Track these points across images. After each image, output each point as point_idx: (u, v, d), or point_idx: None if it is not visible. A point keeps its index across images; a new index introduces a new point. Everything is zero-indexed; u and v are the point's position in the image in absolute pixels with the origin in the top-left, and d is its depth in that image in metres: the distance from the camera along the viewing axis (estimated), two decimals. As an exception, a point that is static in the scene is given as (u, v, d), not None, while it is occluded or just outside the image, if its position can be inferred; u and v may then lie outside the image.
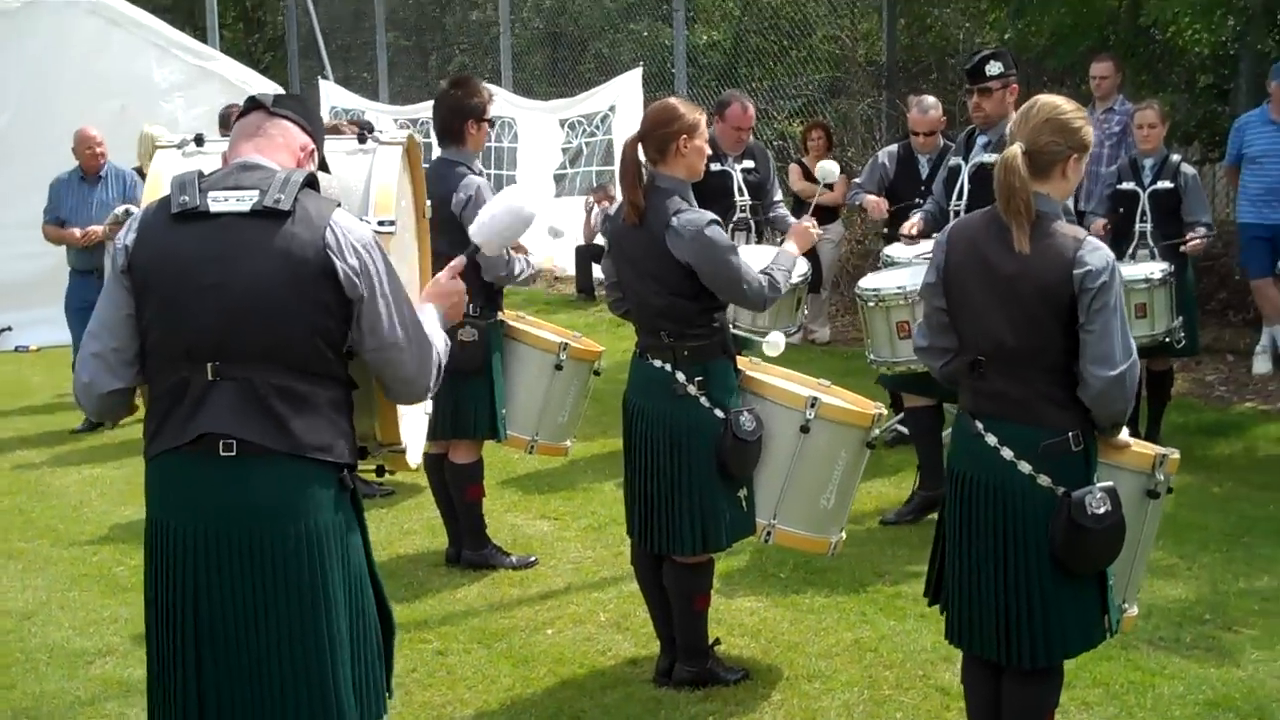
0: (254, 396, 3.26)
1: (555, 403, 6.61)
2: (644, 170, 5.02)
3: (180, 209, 3.31)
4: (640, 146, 5.00)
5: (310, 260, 3.26)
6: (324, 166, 3.64)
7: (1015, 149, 3.87)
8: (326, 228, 3.29)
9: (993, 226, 3.96)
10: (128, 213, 9.36)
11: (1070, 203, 4.14)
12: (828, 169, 5.79)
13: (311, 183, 3.38)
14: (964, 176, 6.81)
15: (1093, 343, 3.80)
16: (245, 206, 3.29)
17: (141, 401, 3.54)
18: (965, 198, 6.74)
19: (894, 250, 7.44)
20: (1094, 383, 3.82)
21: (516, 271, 6.29)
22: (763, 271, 5.05)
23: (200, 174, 3.38)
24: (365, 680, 3.45)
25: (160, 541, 3.36)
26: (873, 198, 8.39)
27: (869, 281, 6.89)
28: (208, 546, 3.28)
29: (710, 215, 4.92)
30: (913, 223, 7.10)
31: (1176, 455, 4.31)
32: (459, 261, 3.78)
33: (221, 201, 3.30)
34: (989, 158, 6.68)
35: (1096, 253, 3.81)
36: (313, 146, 3.56)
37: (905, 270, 6.86)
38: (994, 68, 6.73)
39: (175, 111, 13.44)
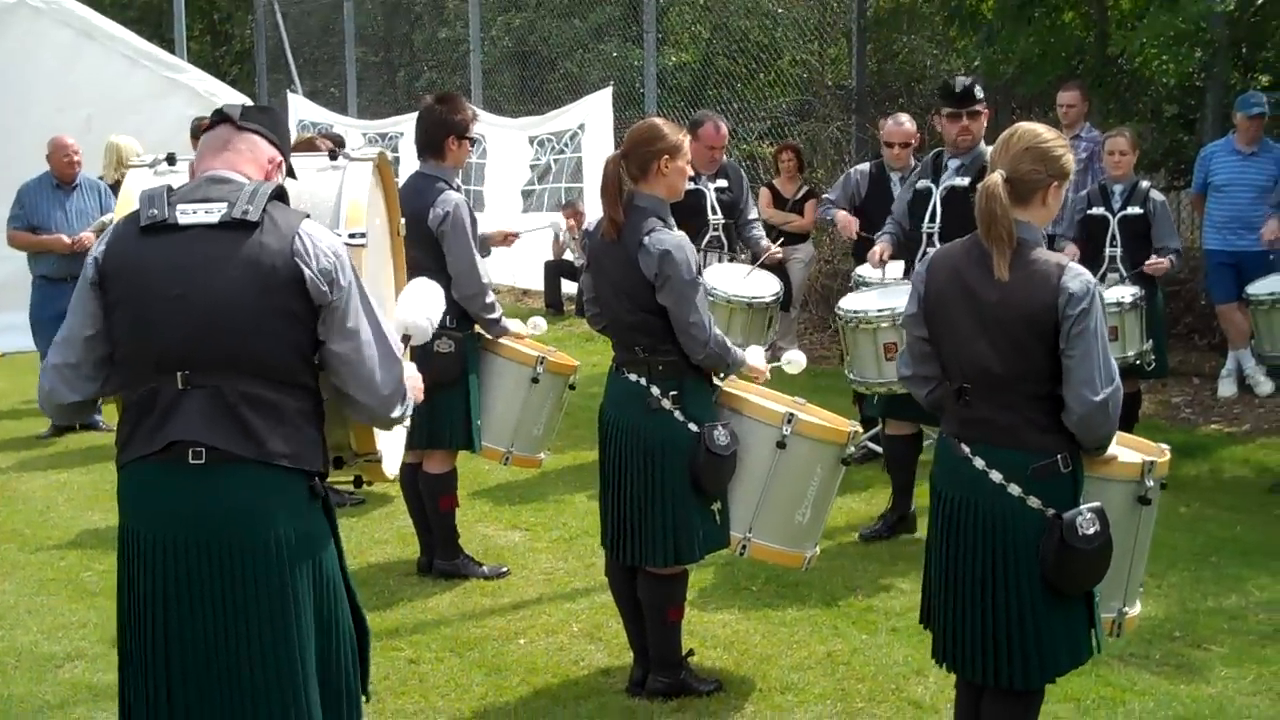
0: (223, 405, 3.28)
1: (531, 415, 6.61)
2: (624, 188, 5.04)
3: (149, 222, 3.33)
4: (622, 164, 5.03)
5: (279, 269, 3.28)
6: (291, 173, 3.65)
7: (996, 176, 3.89)
8: (295, 236, 3.31)
9: (974, 254, 3.97)
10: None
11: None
12: (795, 360, 5.69)
13: (280, 195, 3.41)
14: (936, 200, 6.84)
15: (1074, 368, 3.82)
16: (214, 218, 3.31)
17: (116, 405, 3.55)
18: (939, 221, 6.77)
19: (865, 271, 7.48)
20: (1077, 408, 3.84)
21: (495, 318, 6.33)
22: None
23: (169, 188, 3.41)
24: (339, 688, 3.46)
25: (131, 549, 3.37)
26: (844, 214, 8.40)
27: (851, 303, 6.87)
28: (177, 554, 3.29)
29: (683, 237, 4.95)
30: (879, 250, 7.10)
31: (1166, 455, 4.34)
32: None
33: (190, 214, 3.33)
34: (960, 180, 6.74)
35: (1078, 279, 3.83)
36: (280, 159, 3.58)
37: (890, 291, 6.88)
38: (979, 91, 6.82)
39: (142, 123, 13.37)
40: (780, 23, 15.61)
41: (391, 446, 3.85)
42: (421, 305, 4.02)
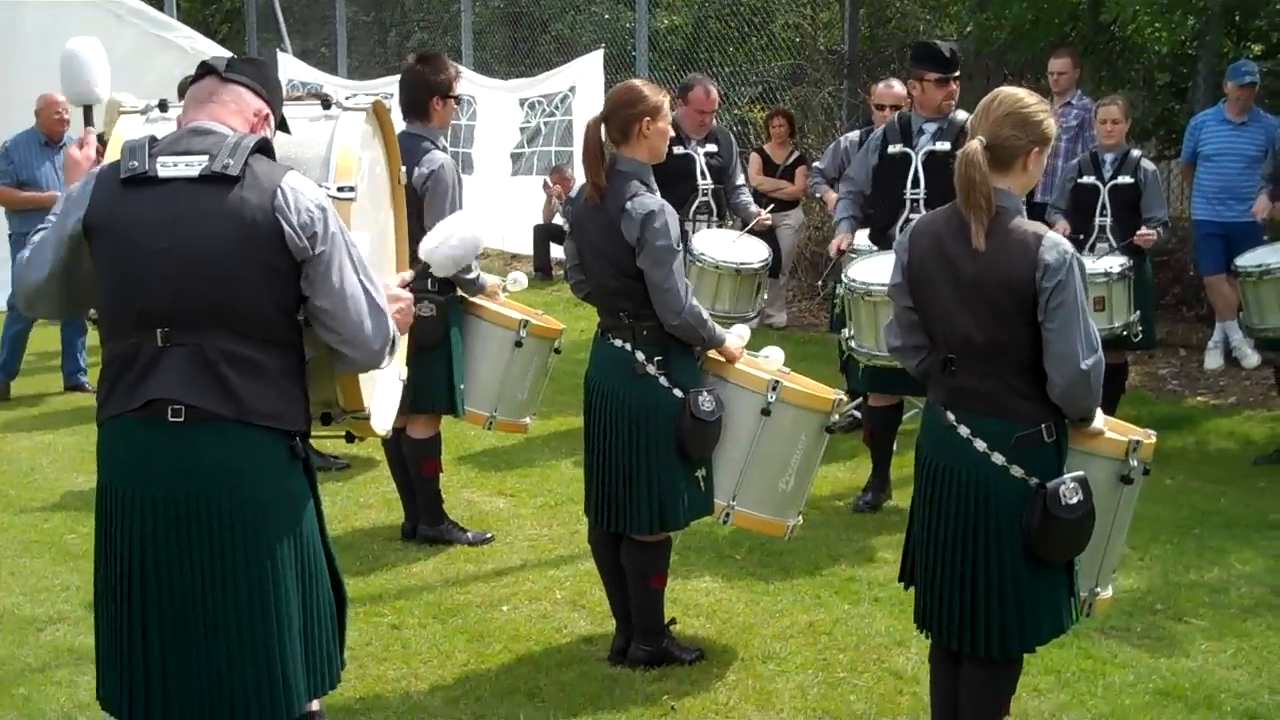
0: (203, 362, 3.25)
1: (515, 380, 6.59)
2: (606, 151, 5.01)
3: (130, 174, 3.30)
4: (603, 127, 5.00)
5: (260, 224, 3.25)
6: (283, 127, 3.61)
7: (976, 143, 3.86)
8: (276, 190, 3.27)
9: (954, 223, 3.95)
10: None
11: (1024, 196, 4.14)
12: (774, 357, 5.48)
13: (263, 147, 3.36)
14: (917, 165, 6.84)
15: (1054, 339, 3.82)
16: (194, 171, 3.28)
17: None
18: (923, 186, 6.78)
19: (859, 240, 7.42)
20: (1059, 379, 3.84)
21: (474, 277, 6.30)
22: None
23: (152, 139, 3.37)
24: (316, 650, 3.45)
25: (110, 506, 3.36)
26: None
27: (861, 274, 6.77)
28: (155, 512, 3.27)
29: (663, 203, 4.93)
30: (838, 242, 7.08)
31: (1152, 440, 4.33)
32: (410, 274, 3.81)
33: (170, 167, 3.29)
34: (940, 145, 6.78)
35: (1055, 249, 3.81)
36: (267, 111, 3.52)
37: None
38: (958, 56, 6.82)
39: (130, 81, 13.23)
40: (773, -14, 15.53)
41: (382, 403, 3.82)
42: (444, 233, 3.96)
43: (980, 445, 3.90)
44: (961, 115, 6.94)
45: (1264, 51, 11.20)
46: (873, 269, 6.72)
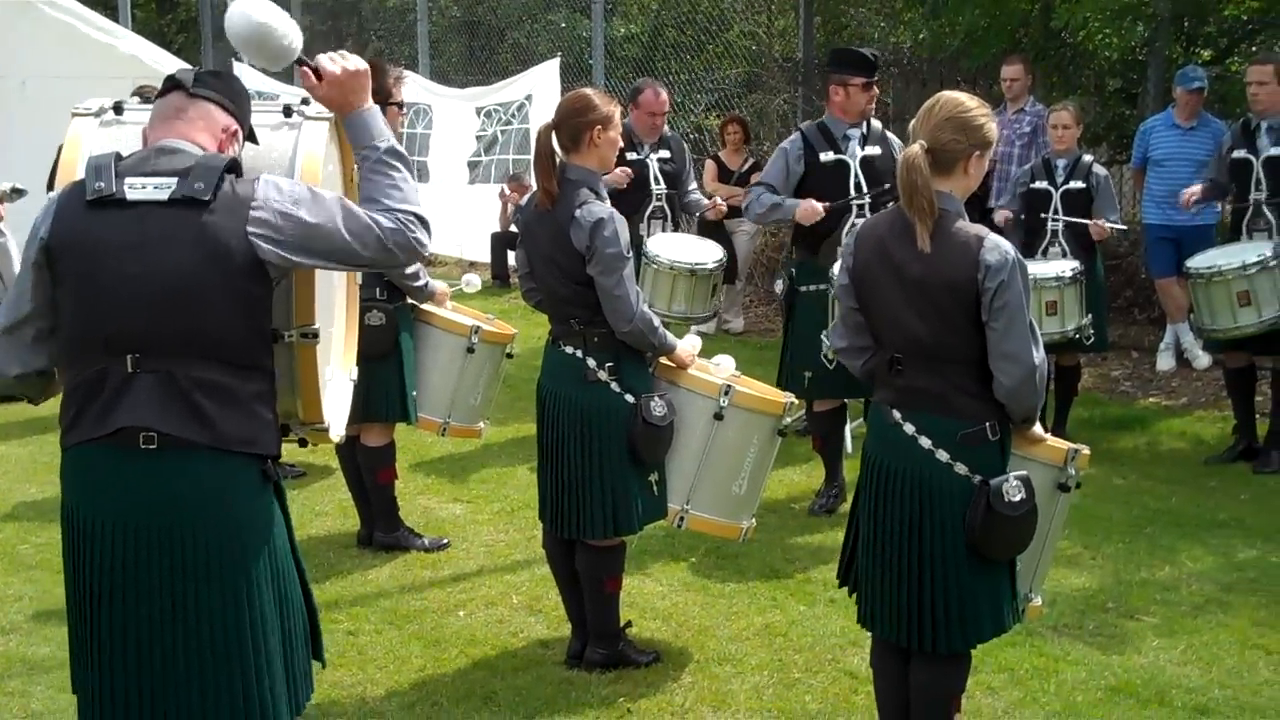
0: (175, 389, 3.20)
1: (468, 386, 6.60)
2: (557, 159, 5.03)
3: (96, 195, 3.22)
4: (554, 135, 5.02)
5: (233, 250, 3.19)
6: (252, 138, 3.57)
7: (917, 147, 3.89)
8: (249, 212, 3.21)
9: (898, 225, 3.99)
10: (14, 190, 9.18)
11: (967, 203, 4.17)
12: (724, 365, 5.43)
13: (233, 168, 3.30)
14: (855, 171, 6.89)
15: (996, 340, 3.85)
16: (163, 195, 3.20)
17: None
18: (865, 191, 6.84)
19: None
20: (1004, 380, 3.87)
21: (422, 284, 6.30)
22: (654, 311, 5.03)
23: (118, 156, 3.29)
24: (294, 667, 3.43)
25: (79, 534, 3.29)
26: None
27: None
28: (126, 539, 3.22)
29: (612, 211, 4.94)
30: (815, 207, 6.90)
31: (1087, 451, 4.38)
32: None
33: (139, 189, 3.21)
34: (872, 150, 6.88)
35: (995, 250, 3.84)
36: (235, 127, 3.45)
37: None
38: (879, 61, 6.94)
39: (82, 90, 13.15)
40: (729, -6, 15.59)
41: (338, 411, 3.81)
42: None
43: (925, 443, 3.94)
44: (877, 123, 7.04)
45: (1212, 57, 11.32)
46: None
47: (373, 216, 3.33)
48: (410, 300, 6.38)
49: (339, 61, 3.52)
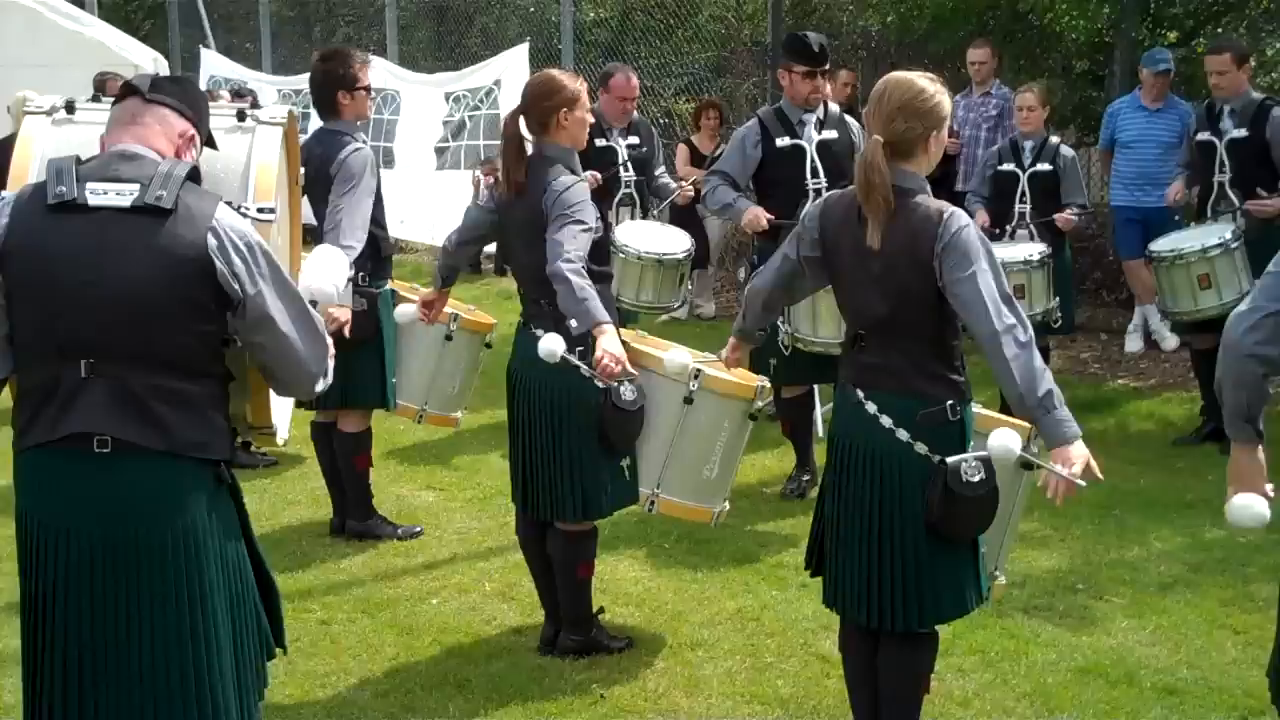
0: (129, 395, 3.22)
1: (446, 374, 6.62)
2: (526, 143, 5.03)
3: (57, 200, 3.22)
4: (523, 120, 5.02)
5: (191, 261, 3.22)
6: (210, 143, 3.58)
7: (875, 142, 3.89)
8: (209, 229, 3.23)
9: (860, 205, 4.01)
10: None
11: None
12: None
13: (194, 176, 3.32)
14: (812, 155, 6.91)
15: (963, 310, 3.82)
16: (125, 202, 3.22)
17: (10, 389, 3.47)
18: (822, 175, 6.86)
19: None
20: (1000, 354, 3.76)
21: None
22: (593, 280, 4.88)
23: (78, 160, 3.30)
24: (245, 667, 3.45)
25: (32, 538, 3.31)
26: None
27: None
28: (79, 544, 3.24)
29: (585, 185, 4.97)
30: (759, 215, 6.89)
31: None
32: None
33: (100, 195, 3.23)
34: (829, 134, 6.94)
35: (955, 220, 3.84)
36: (192, 132, 3.48)
37: None
38: (826, 50, 6.96)
39: (47, 78, 13.08)
40: (699, -23, 15.58)
41: (282, 415, 3.83)
42: (327, 271, 3.99)
43: (886, 421, 3.96)
44: (834, 106, 7.09)
45: (1179, 39, 11.36)
46: None
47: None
48: (392, 286, 6.39)
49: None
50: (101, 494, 3.24)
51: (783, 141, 6.93)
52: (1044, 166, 8.20)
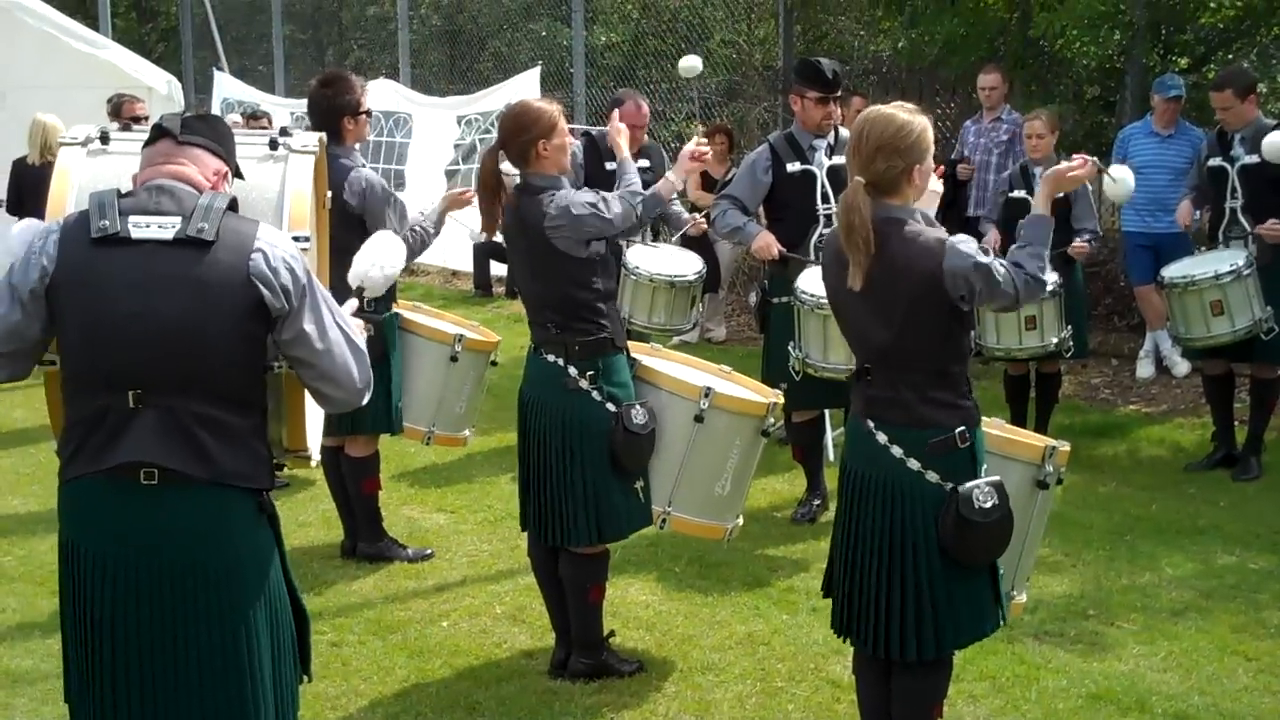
0: (176, 425, 3.25)
1: (452, 394, 6.63)
2: (506, 178, 5.08)
3: (100, 233, 3.26)
4: (503, 154, 5.05)
5: (236, 290, 3.26)
6: (238, 174, 3.61)
7: (855, 184, 3.89)
8: (250, 255, 3.28)
9: None
10: None
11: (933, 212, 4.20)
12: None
13: (233, 207, 3.37)
14: (822, 180, 6.92)
15: (986, 296, 3.92)
16: (168, 234, 3.26)
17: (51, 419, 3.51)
18: (832, 200, 6.84)
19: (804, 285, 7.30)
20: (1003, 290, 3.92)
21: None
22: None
23: (118, 193, 3.34)
24: (285, 690, 3.48)
25: (77, 566, 3.34)
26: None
27: (811, 285, 6.69)
28: (127, 574, 3.27)
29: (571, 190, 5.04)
30: (771, 244, 6.91)
31: (1066, 447, 4.42)
32: (354, 303, 3.85)
33: (144, 228, 3.27)
34: (839, 160, 6.82)
35: (957, 255, 3.86)
36: (226, 170, 3.53)
37: None
38: (840, 77, 6.97)
39: (61, 100, 13.15)
40: (710, 2, 15.61)
41: (315, 437, 3.84)
42: (380, 258, 3.99)
43: (896, 451, 3.97)
44: (845, 131, 7.06)
45: (1189, 65, 11.36)
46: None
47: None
48: (397, 309, 6.41)
49: None
50: (148, 524, 3.27)
51: (793, 167, 6.94)
52: (1055, 192, 8.18)
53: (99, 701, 3.32)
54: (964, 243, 3.90)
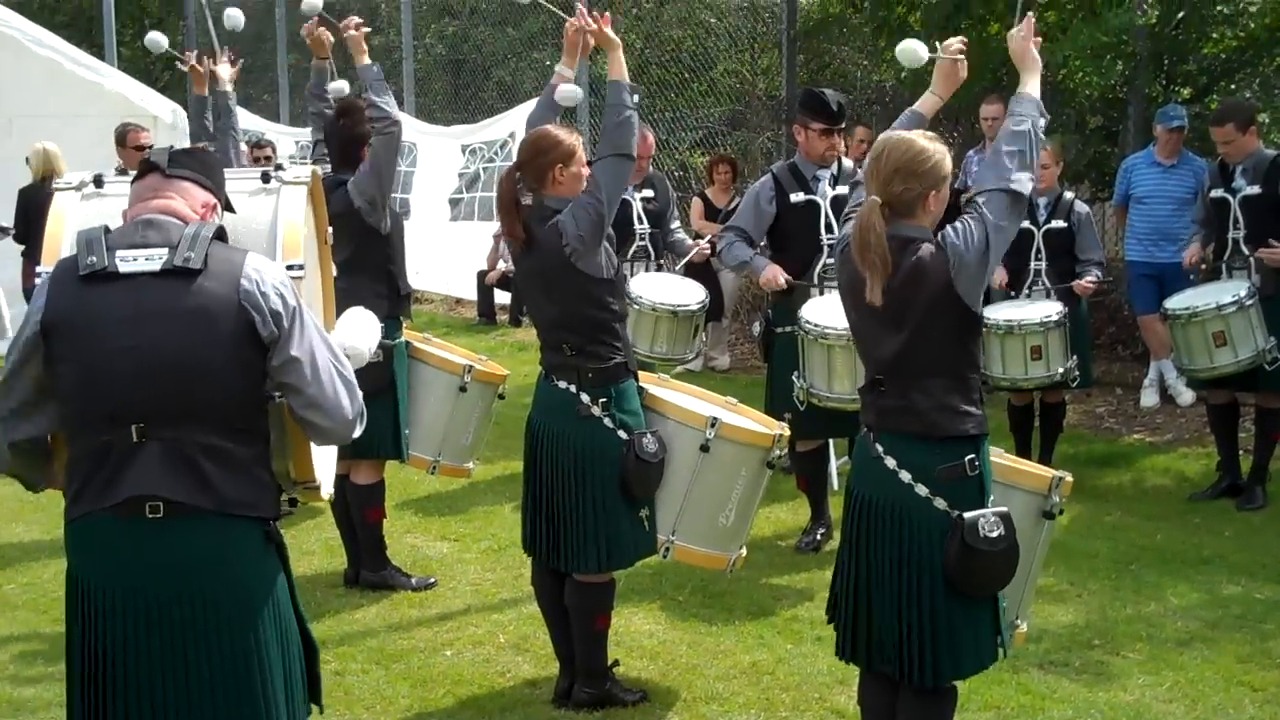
0: (181, 456, 3.25)
1: (459, 424, 6.63)
2: (524, 197, 5.11)
3: (89, 270, 3.27)
4: (519, 176, 5.06)
5: (227, 316, 3.26)
6: (229, 208, 3.62)
7: (872, 203, 3.92)
8: (240, 278, 3.28)
9: None
10: (1, 229, 9.22)
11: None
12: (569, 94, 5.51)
13: (220, 235, 3.38)
14: (825, 211, 6.93)
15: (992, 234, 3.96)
16: (155, 266, 3.27)
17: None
18: (836, 230, 6.84)
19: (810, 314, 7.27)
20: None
21: None
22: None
23: (106, 230, 3.35)
24: (291, 716, 3.46)
25: (85, 602, 3.33)
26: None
27: (815, 315, 6.70)
28: (136, 607, 3.27)
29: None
30: (777, 275, 6.90)
31: (1070, 478, 4.42)
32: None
33: (130, 261, 3.28)
34: (842, 189, 6.89)
35: (949, 247, 3.92)
36: (214, 202, 3.53)
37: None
38: (844, 109, 6.99)
39: (66, 128, 13.18)
40: (713, 32, 15.68)
41: (326, 468, 3.83)
42: (360, 332, 4.01)
43: (905, 477, 3.97)
44: (849, 162, 7.10)
45: (1192, 95, 11.39)
46: (827, 310, 6.64)
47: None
48: (405, 338, 6.42)
49: None
50: (156, 557, 3.26)
51: (797, 197, 6.95)
52: (1059, 223, 8.18)
53: None
54: (949, 233, 3.96)
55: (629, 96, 5.10)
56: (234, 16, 7.28)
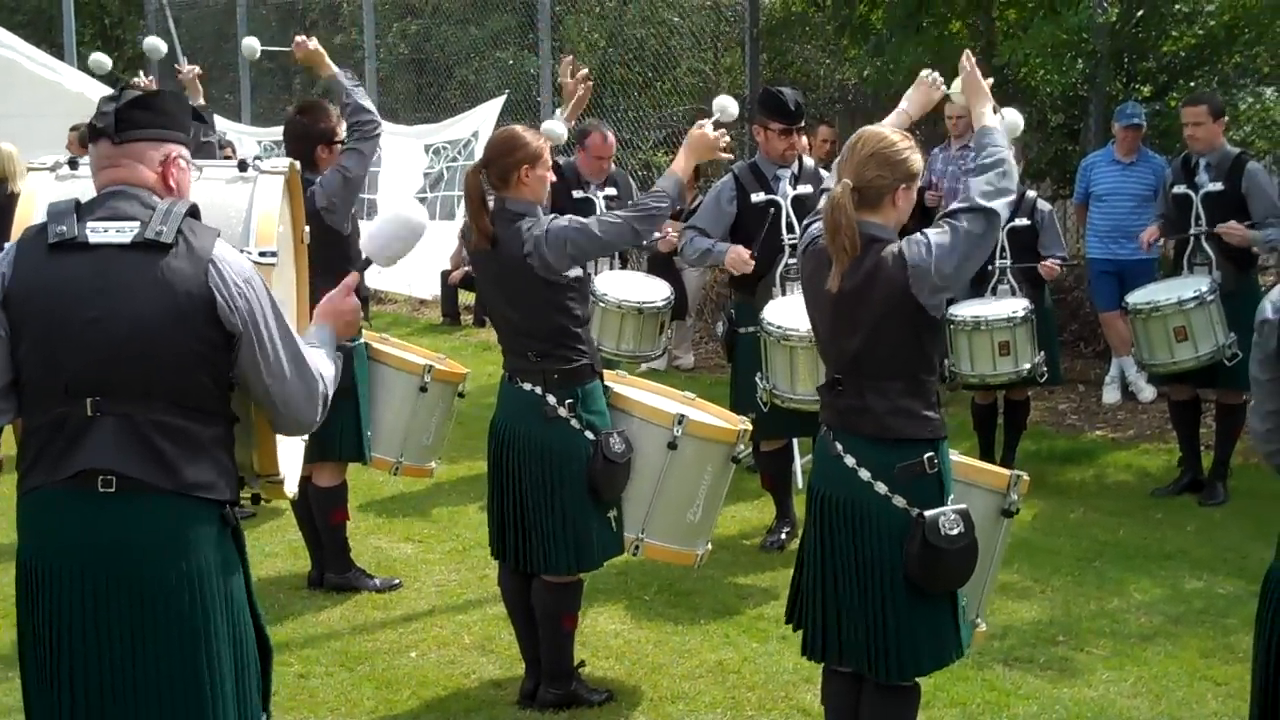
0: (136, 433, 3.20)
1: (420, 425, 6.60)
2: (489, 196, 5.08)
3: (58, 239, 3.22)
4: (483, 174, 5.05)
5: (193, 295, 3.21)
6: (201, 153, 3.56)
7: (843, 186, 3.94)
8: (210, 262, 3.23)
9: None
10: None
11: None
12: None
13: (194, 213, 3.33)
14: (787, 210, 6.91)
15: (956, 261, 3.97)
16: (125, 238, 3.22)
17: (12, 429, 3.45)
18: (798, 230, 6.82)
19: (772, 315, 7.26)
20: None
21: None
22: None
23: (77, 202, 3.30)
24: (245, 705, 3.42)
25: (35, 579, 3.28)
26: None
27: (777, 317, 6.69)
28: (83, 585, 3.22)
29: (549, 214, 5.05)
30: (746, 255, 6.85)
31: (1028, 477, 4.45)
32: (352, 279, 3.79)
33: (101, 232, 3.23)
34: (804, 189, 6.89)
35: (909, 249, 3.93)
36: (176, 151, 3.41)
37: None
38: (802, 108, 6.98)
39: (23, 128, 13.06)
40: (676, 31, 15.67)
41: (292, 465, 3.81)
42: (387, 230, 4.00)
43: (864, 475, 3.99)
44: (810, 161, 7.08)
45: (1152, 94, 11.47)
46: (789, 312, 6.63)
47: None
48: (365, 339, 6.39)
49: None
50: (106, 533, 3.21)
51: (758, 197, 6.94)
52: (1021, 221, 8.20)
53: (56, 713, 3.25)
54: (916, 241, 3.96)
55: (676, 193, 5.10)
56: (155, 45, 7.14)
